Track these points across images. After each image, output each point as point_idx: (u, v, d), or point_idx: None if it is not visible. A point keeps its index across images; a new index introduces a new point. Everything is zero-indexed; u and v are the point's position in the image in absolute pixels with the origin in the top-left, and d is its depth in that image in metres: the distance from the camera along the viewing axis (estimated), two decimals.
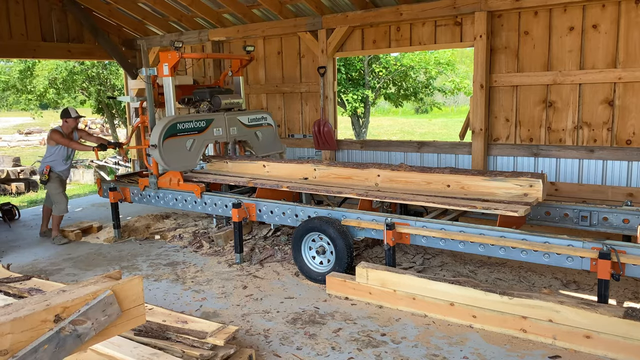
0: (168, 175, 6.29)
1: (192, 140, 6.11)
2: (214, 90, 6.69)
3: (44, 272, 5.83)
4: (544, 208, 5.17)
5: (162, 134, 5.77)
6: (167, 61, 5.96)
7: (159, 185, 6.40)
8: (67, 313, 2.36)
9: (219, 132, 6.39)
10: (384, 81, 15.79)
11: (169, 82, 6.06)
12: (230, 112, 6.64)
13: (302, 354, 3.84)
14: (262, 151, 6.93)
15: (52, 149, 6.99)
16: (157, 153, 5.80)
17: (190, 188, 6.10)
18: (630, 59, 5.53)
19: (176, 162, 6.01)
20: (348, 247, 4.94)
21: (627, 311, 3.61)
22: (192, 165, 6.25)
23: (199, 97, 6.64)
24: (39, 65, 18.21)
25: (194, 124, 6.12)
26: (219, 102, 6.51)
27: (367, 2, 6.97)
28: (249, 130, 6.80)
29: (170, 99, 6.08)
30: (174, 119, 5.93)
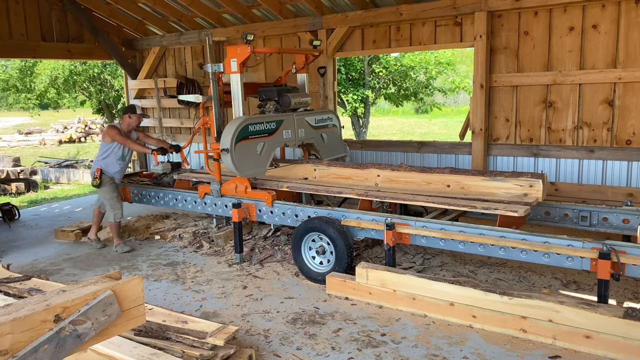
0: (233, 182, 5.80)
1: (263, 143, 5.61)
2: (282, 88, 6.19)
3: (44, 272, 5.83)
4: (544, 208, 5.17)
5: (235, 137, 5.29)
6: (236, 56, 5.43)
7: (222, 193, 5.91)
8: (67, 313, 2.36)
9: (288, 134, 5.88)
10: (384, 81, 15.79)
11: (237, 80, 5.53)
12: (299, 113, 6.14)
13: (302, 354, 3.84)
14: (327, 154, 6.42)
15: (107, 146, 6.42)
16: (229, 158, 5.31)
17: (259, 196, 5.60)
18: (630, 59, 5.53)
19: (248, 168, 5.51)
20: (348, 247, 4.93)
21: (627, 311, 3.61)
22: (262, 171, 5.74)
23: (265, 96, 6.08)
24: (40, 64, 18.22)
25: (265, 126, 5.63)
26: (289, 102, 5.95)
27: (367, 2, 6.97)
28: (315, 132, 6.29)
29: (239, 98, 5.57)
30: (246, 121, 5.43)
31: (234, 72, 5.52)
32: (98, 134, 28.85)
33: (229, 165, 5.39)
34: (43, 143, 27.15)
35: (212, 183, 5.94)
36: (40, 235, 7.56)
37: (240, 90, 5.54)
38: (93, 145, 26.26)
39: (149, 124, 10.17)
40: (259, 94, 6.17)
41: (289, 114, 5.98)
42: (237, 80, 5.54)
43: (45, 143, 27.20)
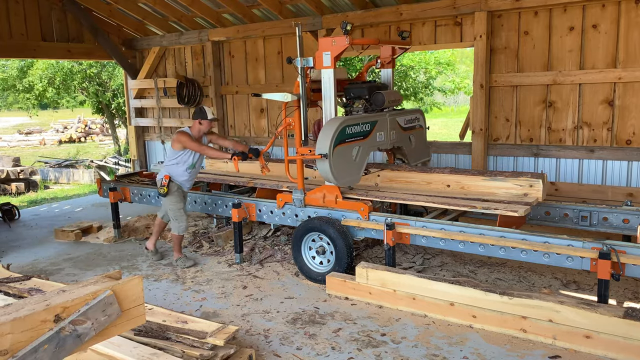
0: (320, 190, 5.19)
1: (358, 147, 4.98)
2: (372, 85, 5.51)
3: (44, 272, 5.83)
4: (544, 208, 5.17)
5: (333, 141, 4.68)
6: (331, 49, 4.80)
7: (307, 202, 5.28)
8: (67, 313, 2.36)
9: (382, 137, 5.24)
10: None
11: (330, 76, 4.91)
12: (391, 113, 5.50)
13: (302, 354, 3.84)
14: (414, 159, 5.80)
15: (177, 153, 5.69)
16: (327, 165, 4.68)
17: (353, 207, 4.98)
18: (630, 59, 5.53)
19: (345, 175, 4.91)
20: (348, 247, 4.93)
21: (627, 311, 3.61)
22: (357, 178, 5.12)
23: (354, 94, 5.40)
24: (36, 64, 18.22)
25: (361, 128, 4.99)
26: (383, 100, 5.27)
27: (367, 2, 6.97)
28: (404, 134, 5.61)
29: (331, 97, 4.97)
30: (344, 122, 4.81)
31: (326, 67, 4.87)
32: (98, 134, 28.89)
33: (326, 172, 4.76)
34: (43, 143, 27.17)
35: (294, 192, 5.33)
36: (40, 235, 7.56)
37: (333, 88, 4.93)
38: (93, 145, 26.28)
39: (148, 124, 10.17)
40: (346, 91, 5.50)
41: (383, 114, 5.32)
42: (330, 77, 4.90)
43: (45, 143, 27.21)
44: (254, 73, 8.62)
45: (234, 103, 8.98)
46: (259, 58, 8.47)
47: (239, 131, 8.99)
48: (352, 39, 4.70)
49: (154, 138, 10.18)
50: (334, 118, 4.93)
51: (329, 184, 5.06)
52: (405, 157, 5.77)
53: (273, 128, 8.51)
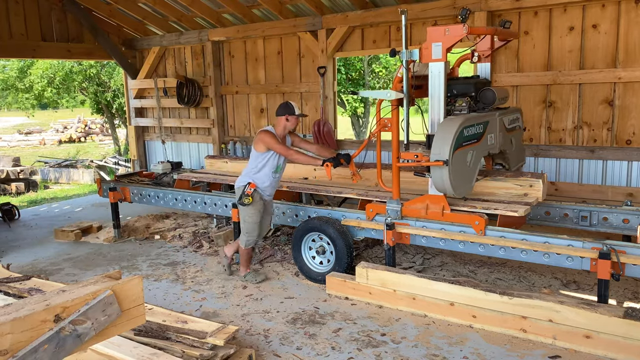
0: (421, 200, 4.62)
1: (472, 152, 4.36)
2: (479, 81, 4.83)
3: (44, 272, 5.83)
4: (544, 208, 5.16)
5: (453, 145, 4.05)
6: (443, 39, 4.20)
7: (404, 214, 4.70)
8: (67, 313, 2.36)
9: (492, 140, 4.61)
10: (384, 81, 15.79)
11: (440, 70, 4.27)
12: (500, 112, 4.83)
13: (302, 354, 3.84)
14: (514, 163, 5.16)
15: (261, 156, 5.01)
16: (445, 173, 4.09)
17: (466, 220, 4.39)
18: (630, 59, 5.53)
19: (460, 184, 4.28)
20: (348, 247, 4.93)
21: (627, 311, 3.61)
22: (470, 187, 4.51)
23: (458, 91, 4.67)
24: (36, 64, 18.23)
25: (475, 130, 4.35)
26: (493, 98, 4.60)
27: (367, 2, 6.97)
28: (508, 136, 4.93)
29: (440, 95, 4.33)
30: (463, 123, 4.16)
31: (436, 59, 4.26)
32: (98, 133, 28.89)
33: (443, 181, 4.17)
34: (43, 143, 27.17)
35: (389, 202, 4.76)
36: (40, 235, 7.56)
37: (444, 84, 4.30)
38: (93, 145, 26.28)
39: (148, 124, 10.17)
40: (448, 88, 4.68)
41: (493, 114, 4.69)
42: (441, 71, 4.27)
43: (45, 143, 27.22)
44: (253, 73, 8.62)
45: (234, 103, 8.97)
46: (259, 58, 8.47)
47: (239, 131, 8.99)
48: (470, 28, 4.11)
49: (154, 138, 10.18)
50: (450, 118, 4.30)
51: (434, 194, 4.50)
52: (506, 162, 5.14)
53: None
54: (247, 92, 8.71)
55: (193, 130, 9.63)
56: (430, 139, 4.31)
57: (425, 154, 4.27)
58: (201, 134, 9.48)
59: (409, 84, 4.39)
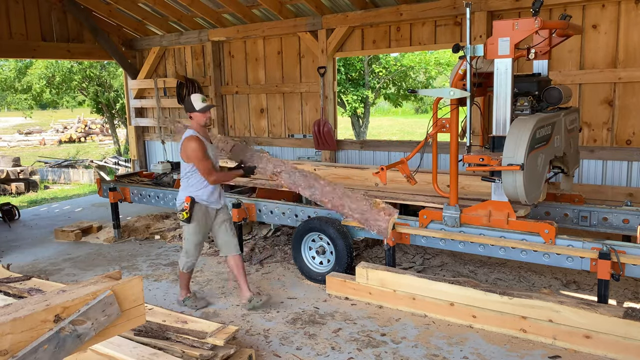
0: (484, 207, 4.33)
1: (542, 155, 4.06)
2: (543, 79, 4.51)
3: (44, 272, 5.83)
4: (544, 208, 5.16)
5: (527, 148, 3.75)
6: (511, 34, 3.87)
7: (463, 221, 4.41)
8: (67, 313, 2.36)
9: (558, 142, 4.32)
10: (383, 81, 15.79)
11: (507, 67, 3.96)
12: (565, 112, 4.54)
13: (302, 354, 3.84)
14: (572, 166, 4.80)
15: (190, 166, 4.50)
16: (520, 178, 3.78)
17: (534, 229, 4.11)
18: (630, 59, 5.53)
19: (532, 190, 3.96)
20: (348, 247, 4.93)
21: (627, 311, 3.61)
22: (540, 193, 4.16)
23: (520, 89, 4.32)
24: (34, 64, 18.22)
25: (545, 131, 4.05)
26: (560, 97, 4.28)
27: (367, 2, 6.97)
28: (568, 138, 4.58)
29: (507, 94, 4.02)
30: (537, 123, 3.85)
31: (502, 55, 3.95)
32: (98, 134, 28.89)
33: (516, 187, 3.84)
34: (43, 143, 27.16)
35: (446, 208, 4.47)
36: (40, 235, 7.56)
37: (511, 82, 4.00)
38: (93, 145, 26.27)
39: (148, 124, 10.17)
40: None
41: (558, 114, 4.38)
42: (508, 68, 3.96)
43: (45, 143, 27.21)
44: (254, 73, 8.62)
45: (234, 103, 8.97)
46: (259, 58, 8.47)
47: (239, 131, 8.99)
48: (543, 22, 3.79)
49: (154, 138, 10.17)
50: (523, 119, 3.96)
51: (498, 200, 4.21)
52: (565, 165, 4.74)
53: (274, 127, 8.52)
54: (247, 92, 8.71)
55: None
56: (497, 141, 4.08)
57: (493, 157, 3.98)
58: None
59: (472, 82, 4.12)
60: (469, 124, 4.28)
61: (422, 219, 4.60)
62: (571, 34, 4.61)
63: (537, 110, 4.30)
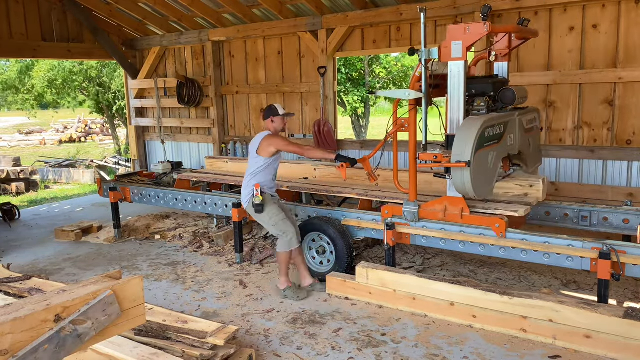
0: (440, 202, 4.58)
1: (493, 153, 4.27)
2: (498, 80, 4.72)
3: (44, 272, 5.83)
4: (544, 208, 5.17)
5: (474, 146, 3.96)
6: (463, 37, 4.10)
7: (422, 216, 4.65)
8: (67, 313, 2.36)
9: (512, 140, 4.54)
10: (384, 81, 15.79)
11: (460, 69, 4.18)
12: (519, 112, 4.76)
13: (302, 353, 3.84)
14: (532, 164, 5.02)
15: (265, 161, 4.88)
16: (467, 174, 3.99)
17: (486, 222, 4.33)
18: (630, 59, 5.53)
19: (481, 186, 4.18)
20: (348, 247, 4.93)
21: (627, 311, 3.61)
22: (491, 190, 4.43)
23: (476, 91, 4.53)
24: (37, 66, 18.23)
25: (496, 130, 4.28)
26: (513, 98, 4.48)
27: (367, 2, 6.97)
28: (525, 137, 4.80)
29: (459, 95, 4.25)
30: (484, 123, 4.07)
31: (455, 58, 4.17)
32: (98, 133, 28.90)
33: (464, 183, 4.07)
34: (43, 143, 27.17)
35: (405, 203, 4.70)
36: (41, 235, 7.56)
37: (463, 83, 4.22)
38: (93, 145, 26.27)
39: (148, 124, 10.18)
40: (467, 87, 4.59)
41: (512, 114, 4.61)
42: (460, 70, 4.19)
43: (45, 143, 27.22)
44: (254, 73, 8.62)
45: (234, 103, 8.98)
46: (259, 58, 8.47)
47: (239, 131, 8.99)
48: (492, 26, 4.03)
49: (154, 138, 10.18)
50: (472, 118, 4.19)
51: (453, 195, 4.44)
52: (524, 163, 4.97)
53: None
54: (248, 92, 8.71)
55: (193, 130, 9.63)
56: (450, 140, 4.22)
57: (445, 155, 4.15)
58: (201, 134, 9.48)
59: (427, 84, 4.31)
60: (425, 124, 4.45)
61: (384, 214, 4.82)
62: (528, 37, 4.82)
63: (493, 110, 4.49)
